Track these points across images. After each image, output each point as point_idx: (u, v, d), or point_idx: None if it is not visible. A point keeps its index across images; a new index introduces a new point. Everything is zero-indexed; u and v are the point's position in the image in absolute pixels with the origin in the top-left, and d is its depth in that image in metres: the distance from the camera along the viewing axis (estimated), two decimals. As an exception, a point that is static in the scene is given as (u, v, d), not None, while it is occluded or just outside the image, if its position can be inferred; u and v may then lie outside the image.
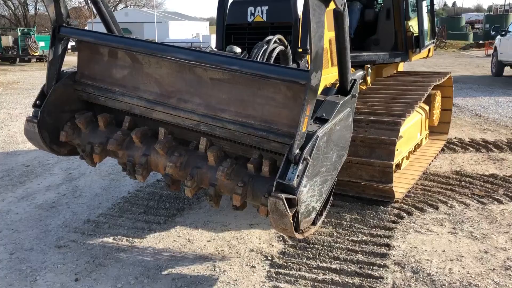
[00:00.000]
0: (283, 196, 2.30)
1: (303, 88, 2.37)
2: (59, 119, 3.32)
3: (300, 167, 2.34)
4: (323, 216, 2.86)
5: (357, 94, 2.87)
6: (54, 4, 3.10)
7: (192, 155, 2.98)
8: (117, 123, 3.32)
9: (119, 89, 3.22)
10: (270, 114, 2.68)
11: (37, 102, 3.23)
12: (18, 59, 25.70)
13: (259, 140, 2.69)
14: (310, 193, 2.50)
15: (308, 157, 2.36)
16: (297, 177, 2.33)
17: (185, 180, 2.89)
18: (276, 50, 3.39)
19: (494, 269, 3.11)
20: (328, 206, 2.92)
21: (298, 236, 2.57)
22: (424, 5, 5.78)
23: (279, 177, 2.35)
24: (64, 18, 3.16)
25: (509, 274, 3.04)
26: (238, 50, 3.56)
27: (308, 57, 3.78)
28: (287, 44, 3.53)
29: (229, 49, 3.58)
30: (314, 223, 2.73)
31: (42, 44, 25.65)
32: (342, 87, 2.80)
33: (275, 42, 3.38)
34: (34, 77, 17.92)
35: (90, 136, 3.29)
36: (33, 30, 28.53)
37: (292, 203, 2.35)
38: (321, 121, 2.54)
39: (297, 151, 2.34)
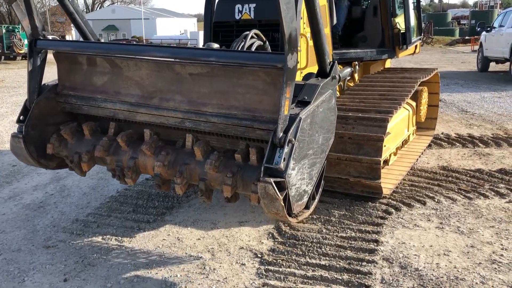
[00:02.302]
0: (272, 180, 2.32)
1: (281, 73, 2.38)
2: (44, 133, 3.29)
3: (286, 149, 2.36)
4: (316, 200, 2.88)
5: (337, 76, 2.89)
6: (29, 18, 3.08)
7: (179, 153, 2.98)
8: (102, 131, 3.31)
9: (101, 96, 3.20)
10: (252, 102, 2.69)
11: (21, 117, 3.20)
12: (3, 57, 25.37)
13: (244, 130, 2.70)
14: (300, 176, 2.51)
15: (293, 139, 2.38)
16: (283, 160, 2.35)
17: (175, 177, 2.89)
18: (255, 45, 3.41)
19: (480, 263, 3.15)
20: (320, 189, 2.94)
21: (292, 220, 2.58)
22: (411, 2, 5.82)
23: (266, 162, 2.37)
24: (40, 31, 3.15)
25: (495, 268, 3.09)
26: (215, 46, 3.57)
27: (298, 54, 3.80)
28: (265, 39, 3.55)
29: (207, 46, 3.60)
30: (307, 207, 2.76)
31: (27, 41, 25.28)
32: (322, 70, 2.82)
33: (252, 37, 3.40)
34: (20, 75, 17.71)
35: (77, 146, 3.28)
36: (18, 27, 28.13)
37: (281, 187, 2.37)
38: (303, 104, 2.56)
39: (281, 134, 2.36)
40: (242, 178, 2.73)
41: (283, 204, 2.38)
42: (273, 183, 2.31)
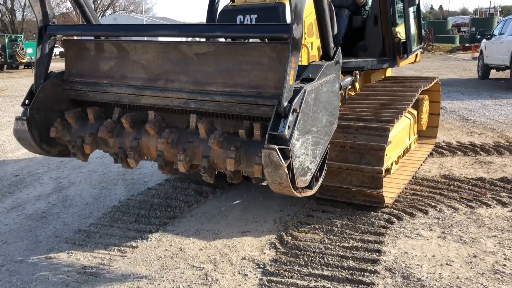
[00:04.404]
0: (276, 146, 2.35)
1: (286, 47, 2.43)
2: (48, 118, 3.31)
3: (290, 118, 2.40)
4: (319, 182, 2.90)
5: (341, 61, 2.94)
6: (40, 3, 3.17)
7: (183, 132, 3.00)
8: (106, 117, 3.32)
9: (107, 80, 3.25)
10: (257, 79, 2.73)
11: (26, 101, 3.24)
12: (5, 66, 25.48)
13: (249, 107, 2.72)
14: (303, 150, 2.54)
15: (298, 108, 2.42)
16: (288, 128, 2.38)
17: (178, 154, 2.89)
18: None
19: (483, 273, 3.15)
20: (323, 173, 2.96)
21: (296, 193, 2.59)
22: (411, 11, 5.86)
23: (270, 130, 2.40)
24: (50, 18, 3.23)
25: (498, 278, 3.08)
26: None
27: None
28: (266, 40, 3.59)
29: None
30: (310, 188, 2.77)
31: (30, 50, 25.46)
32: (326, 54, 2.87)
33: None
34: (22, 84, 17.78)
35: (80, 131, 3.29)
36: (21, 36, 28.34)
37: (285, 155, 2.39)
38: (308, 80, 2.62)
39: (286, 103, 2.39)
40: (246, 153, 2.74)
41: (287, 172, 2.39)
42: (277, 150, 2.34)
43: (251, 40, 3.36)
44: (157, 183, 5.13)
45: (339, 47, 2.91)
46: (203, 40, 3.45)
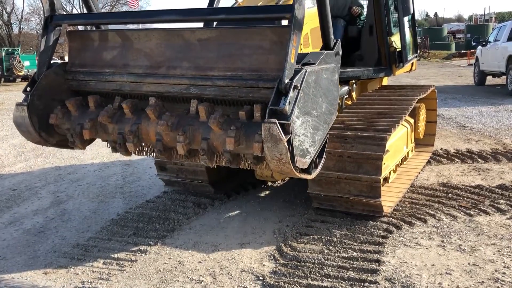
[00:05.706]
0: (277, 121, 2.38)
1: (287, 30, 2.50)
2: (48, 107, 3.31)
3: (291, 94, 2.44)
4: (318, 169, 2.91)
5: (340, 53, 2.99)
6: None
7: (183, 117, 3.00)
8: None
9: (109, 69, 3.27)
10: (258, 63, 2.77)
11: (28, 88, 3.25)
12: (2, 79, 25.51)
13: (249, 91, 2.75)
14: (303, 131, 2.56)
15: (298, 86, 2.46)
16: (288, 104, 2.42)
17: (177, 136, 2.88)
18: None
19: (483, 281, 3.14)
20: (322, 161, 2.97)
21: (295, 172, 2.58)
22: (406, 20, 5.89)
23: (271, 105, 2.43)
24: (57, 9, 3.29)
25: (498, 287, 3.07)
26: None
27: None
28: None
29: None
30: (309, 173, 2.78)
31: (27, 63, 25.53)
32: (326, 44, 2.92)
33: None
34: (20, 97, 17.72)
35: (80, 118, 3.28)
36: (18, 49, 28.39)
37: (286, 130, 2.41)
38: (308, 65, 2.68)
39: (287, 80, 2.44)
40: (246, 133, 2.74)
41: (286, 146, 2.40)
42: (278, 124, 2.37)
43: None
44: (155, 196, 5.13)
45: (339, 40, 2.96)
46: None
